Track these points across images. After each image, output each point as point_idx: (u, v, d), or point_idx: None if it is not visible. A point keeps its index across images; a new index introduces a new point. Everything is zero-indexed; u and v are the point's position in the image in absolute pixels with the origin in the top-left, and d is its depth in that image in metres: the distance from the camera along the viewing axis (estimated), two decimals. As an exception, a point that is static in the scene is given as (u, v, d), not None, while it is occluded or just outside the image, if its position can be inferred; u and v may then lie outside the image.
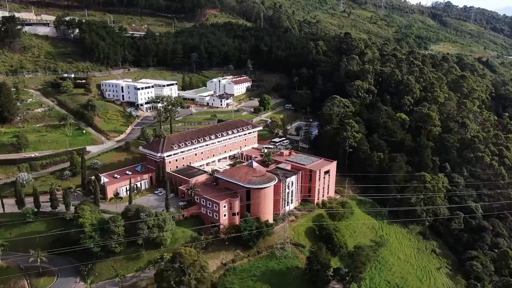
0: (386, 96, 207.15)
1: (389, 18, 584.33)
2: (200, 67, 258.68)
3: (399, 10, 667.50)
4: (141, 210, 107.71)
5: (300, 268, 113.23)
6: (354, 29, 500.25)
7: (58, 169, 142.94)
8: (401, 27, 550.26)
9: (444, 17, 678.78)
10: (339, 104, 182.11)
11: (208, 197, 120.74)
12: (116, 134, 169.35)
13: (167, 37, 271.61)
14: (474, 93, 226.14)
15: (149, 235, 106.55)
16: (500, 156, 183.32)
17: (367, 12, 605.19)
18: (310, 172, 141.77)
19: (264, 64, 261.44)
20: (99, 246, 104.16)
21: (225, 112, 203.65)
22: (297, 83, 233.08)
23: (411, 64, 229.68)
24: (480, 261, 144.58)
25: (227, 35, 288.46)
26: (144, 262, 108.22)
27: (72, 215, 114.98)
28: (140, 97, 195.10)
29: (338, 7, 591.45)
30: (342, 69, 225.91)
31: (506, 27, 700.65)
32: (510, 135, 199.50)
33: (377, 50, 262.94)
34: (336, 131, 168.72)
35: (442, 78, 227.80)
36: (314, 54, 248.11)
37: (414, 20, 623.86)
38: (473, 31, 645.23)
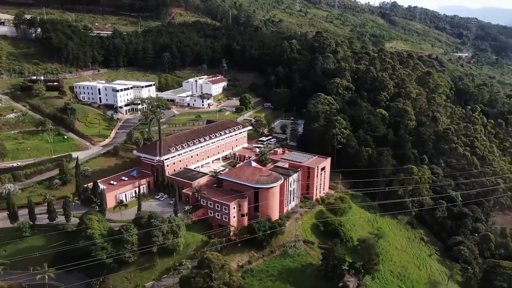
0: (363, 93, 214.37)
1: (343, 18, 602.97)
2: (173, 67, 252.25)
3: (351, 10, 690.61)
4: (154, 216, 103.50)
5: (314, 265, 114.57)
6: (313, 27, 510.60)
7: (45, 178, 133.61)
8: (355, 26, 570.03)
9: (392, 16, 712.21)
10: (324, 101, 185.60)
11: (217, 199, 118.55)
12: (100, 139, 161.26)
13: (136, 36, 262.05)
14: (439, 88, 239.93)
15: (164, 242, 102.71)
16: (471, 147, 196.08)
17: (322, 12, 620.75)
18: (308, 169, 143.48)
19: (238, 63, 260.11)
20: (111, 258, 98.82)
21: (208, 113, 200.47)
22: (274, 81, 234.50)
23: (382, 62, 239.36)
24: (466, 246, 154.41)
25: (197, 34, 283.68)
26: (158, 271, 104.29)
27: (73, 226, 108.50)
28: (120, 99, 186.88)
29: (294, 6, 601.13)
30: (318, 67, 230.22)
31: (447, 25, 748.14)
32: (476, 126, 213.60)
33: (347, 48, 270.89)
34: (325, 128, 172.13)
35: (411, 75, 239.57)
36: (288, 53, 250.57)
37: (366, 19, 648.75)
38: (419, 29, 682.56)
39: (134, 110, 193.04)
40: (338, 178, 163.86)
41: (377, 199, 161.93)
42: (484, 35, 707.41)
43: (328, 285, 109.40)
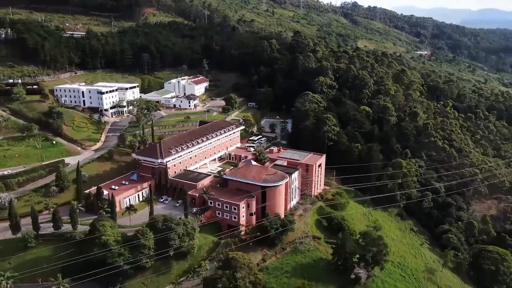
0: (345, 91, 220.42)
1: (309, 17, 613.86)
2: (152, 68, 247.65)
3: (315, 10, 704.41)
4: (169, 219, 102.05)
5: (325, 259, 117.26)
6: (281, 27, 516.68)
7: (40, 186, 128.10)
8: (321, 26, 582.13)
9: (354, 16, 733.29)
10: (312, 100, 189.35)
11: (226, 199, 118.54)
12: (91, 143, 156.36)
13: (112, 37, 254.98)
14: (413, 85, 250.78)
15: (181, 245, 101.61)
16: (449, 140, 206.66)
17: (288, 12, 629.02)
18: (306, 166, 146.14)
19: (218, 63, 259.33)
20: (129, 264, 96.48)
21: (195, 114, 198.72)
22: (256, 81, 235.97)
23: (361, 60, 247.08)
24: (454, 233, 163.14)
25: (174, 34, 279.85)
26: (174, 274, 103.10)
27: (81, 234, 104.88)
28: (105, 101, 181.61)
29: (260, 6, 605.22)
30: (300, 67, 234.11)
31: (405, 25, 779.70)
32: (451, 120, 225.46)
33: (325, 48, 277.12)
34: (315, 126, 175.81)
35: (388, 73, 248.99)
36: (269, 53, 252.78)
37: (330, 19, 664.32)
38: (380, 29, 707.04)
39: (120, 112, 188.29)
40: (331, 174, 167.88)
41: (368, 194, 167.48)
42: (440, 34, 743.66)
43: (340, 278, 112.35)
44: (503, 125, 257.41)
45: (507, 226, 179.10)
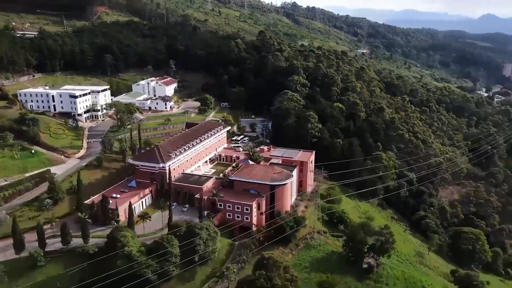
0: (316, 89, 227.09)
1: (254, 17, 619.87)
2: (116, 70, 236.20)
3: (259, 9, 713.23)
4: (193, 225, 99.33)
5: (336, 252, 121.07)
6: (229, 27, 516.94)
7: (30, 199, 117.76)
8: (268, 26, 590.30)
9: (296, 16, 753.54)
10: (292, 98, 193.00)
11: (238, 200, 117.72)
12: (74, 151, 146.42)
13: (69, 37, 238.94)
14: (373, 82, 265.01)
15: (205, 250, 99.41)
16: (413, 132, 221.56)
17: (233, 11, 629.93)
18: (301, 164, 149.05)
19: (183, 63, 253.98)
20: (156, 274, 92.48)
21: (174, 115, 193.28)
22: (227, 81, 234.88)
23: (327, 59, 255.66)
24: (431, 219, 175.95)
25: (135, 34, 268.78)
26: (199, 280, 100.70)
27: (95, 247, 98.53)
28: (79, 106, 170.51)
29: (206, 5, 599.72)
30: (270, 66, 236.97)
31: (343, 24, 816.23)
32: (412, 114, 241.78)
33: (288, 47, 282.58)
34: (298, 124, 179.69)
35: (351, 70, 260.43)
36: (236, 52, 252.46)
37: (274, 19, 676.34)
38: (321, 28, 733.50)
39: (95, 117, 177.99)
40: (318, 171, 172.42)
41: (352, 187, 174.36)
42: (375, 33, 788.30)
43: (353, 269, 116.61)
44: (451, 117, 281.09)
45: (471, 208, 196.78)
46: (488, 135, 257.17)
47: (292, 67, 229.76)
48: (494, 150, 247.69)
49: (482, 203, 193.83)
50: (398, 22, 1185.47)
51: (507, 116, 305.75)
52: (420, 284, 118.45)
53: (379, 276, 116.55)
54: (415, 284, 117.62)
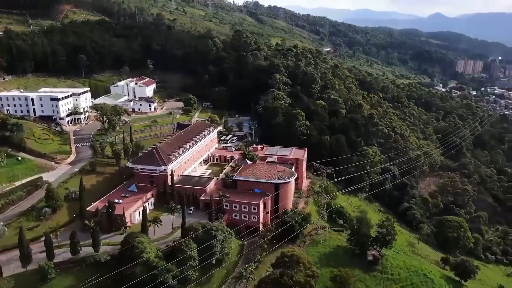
0: (297, 87, 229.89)
1: (219, 16, 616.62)
2: (91, 71, 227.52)
3: (222, 9, 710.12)
4: (209, 227, 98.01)
5: (341, 246, 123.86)
6: (195, 26, 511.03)
7: (26, 209, 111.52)
8: (233, 25, 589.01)
9: (259, 15, 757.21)
10: (278, 96, 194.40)
11: (245, 200, 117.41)
12: (64, 156, 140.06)
13: (38, 37, 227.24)
14: (348, 79, 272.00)
15: (222, 251, 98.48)
16: (391, 127, 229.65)
17: (197, 10, 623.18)
18: (296, 161, 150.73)
19: (161, 63, 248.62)
20: (176, 279, 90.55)
21: (159, 117, 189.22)
22: (208, 81, 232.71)
23: (305, 58, 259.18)
24: (415, 210, 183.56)
25: (108, 34, 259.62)
26: (216, 282, 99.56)
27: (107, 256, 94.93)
28: (62, 109, 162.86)
29: (170, 4, 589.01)
30: (250, 65, 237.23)
31: (305, 23, 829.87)
32: (387, 110, 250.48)
33: (265, 46, 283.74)
34: (286, 122, 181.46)
35: (328, 68, 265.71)
36: (215, 52, 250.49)
37: (238, 18, 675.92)
38: (284, 27, 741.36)
39: (77, 120, 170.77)
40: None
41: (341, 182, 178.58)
42: (336, 32, 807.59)
43: (360, 261, 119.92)
44: (421, 112, 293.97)
45: (449, 198, 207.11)
46: (456, 128, 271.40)
47: (273, 66, 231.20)
48: (463, 142, 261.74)
49: (460, 192, 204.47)
50: (354, 21, 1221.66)
51: (470, 110, 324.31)
52: (421, 272, 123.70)
53: (384, 267, 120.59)
54: (416, 273, 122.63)
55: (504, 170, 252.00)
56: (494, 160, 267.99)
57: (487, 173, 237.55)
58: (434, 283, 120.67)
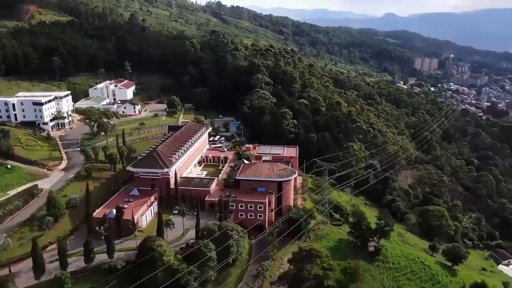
0: (278, 87, 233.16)
1: (184, 16, 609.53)
2: (65, 74, 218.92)
3: (186, 8, 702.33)
4: (226, 227, 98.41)
5: (343, 239, 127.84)
6: (162, 26, 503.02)
7: (26, 218, 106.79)
8: (199, 25, 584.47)
9: (223, 16, 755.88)
10: (264, 96, 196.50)
11: (251, 199, 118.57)
12: (56, 163, 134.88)
13: (6, 38, 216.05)
14: (324, 78, 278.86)
15: (238, 251, 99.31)
16: (369, 124, 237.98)
17: (161, 10, 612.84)
18: (290, 159, 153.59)
19: (138, 65, 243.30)
20: (197, 280, 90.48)
21: (145, 119, 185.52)
22: (188, 82, 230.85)
23: (283, 57, 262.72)
24: (399, 202, 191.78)
25: (80, 35, 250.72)
26: (232, 282, 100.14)
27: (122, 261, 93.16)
28: (46, 113, 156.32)
29: (133, 4, 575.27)
30: (230, 65, 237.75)
31: (268, 23, 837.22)
32: (365, 107, 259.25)
33: (242, 46, 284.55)
34: (274, 121, 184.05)
35: (305, 67, 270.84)
36: (193, 53, 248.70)
37: (203, 18, 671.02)
38: (249, 27, 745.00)
39: (61, 125, 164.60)
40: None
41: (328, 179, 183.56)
42: (299, 31, 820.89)
43: (362, 253, 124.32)
44: (393, 108, 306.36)
45: (427, 189, 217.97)
46: (426, 123, 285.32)
47: (253, 66, 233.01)
48: (433, 136, 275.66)
49: (436, 183, 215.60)
50: (312, 20, 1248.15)
51: (436, 105, 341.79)
52: (418, 260, 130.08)
53: (385, 257, 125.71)
54: (414, 260, 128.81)
55: (471, 161, 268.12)
56: (460, 152, 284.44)
57: (458, 164, 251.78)
58: (431, 269, 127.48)
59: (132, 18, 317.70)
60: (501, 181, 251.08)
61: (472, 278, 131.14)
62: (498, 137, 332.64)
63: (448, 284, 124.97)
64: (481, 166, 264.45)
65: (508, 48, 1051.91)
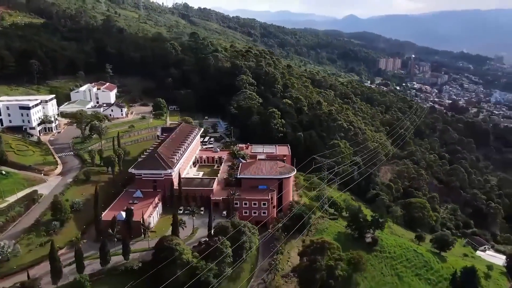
0: (261, 87, 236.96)
1: (153, 18, 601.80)
2: (44, 77, 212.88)
3: (153, 10, 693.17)
4: (239, 224, 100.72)
5: (342, 232, 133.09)
6: (131, 28, 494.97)
7: (30, 224, 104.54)
8: (169, 27, 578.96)
9: (192, 17, 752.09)
10: (251, 97, 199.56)
11: (255, 196, 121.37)
12: (51, 167, 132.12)
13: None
14: (303, 78, 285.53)
15: (251, 246, 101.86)
16: (349, 122, 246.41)
17: (129, 12, 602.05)
18: (284, 157, 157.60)
19: (118, 67, 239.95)
20: (216, 277, 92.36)
21: (132, 122, 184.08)
22: (171, 84, 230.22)
23: (263, 59, 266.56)
24: (383, 196, 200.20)
25: (56, 37, 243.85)
26: (245, 277, 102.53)
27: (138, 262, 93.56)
28: (33, 118, 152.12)
29: (99, 6, 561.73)
30: (212, 67, 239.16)
31: (236, 25, 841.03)
32: (344, 106, 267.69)
33: (222, 48, 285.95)
34: (264, 120, 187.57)
35: (284, 68, 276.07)
36: (174, 55, 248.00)
37: (171, 20, 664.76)
38: (217, 29, 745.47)
39: (49, 129, 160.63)
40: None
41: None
42: (267, 33, 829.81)
43: (360, 244, 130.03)
44: (367, 107, 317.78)
45: (406, 183, 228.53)
46: (400, 121, 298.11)
47: (236, 67, 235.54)
48: (407, 133, 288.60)
49: (415, 177, 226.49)
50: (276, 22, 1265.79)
51: (406, 103, 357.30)
52: (411, 248, 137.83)
53: (382, 247, 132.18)
54: (408, 249, 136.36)
55: (443, 155, 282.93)
56: (432, 147, 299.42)
57: (432, 159, 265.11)
58: (424, 256, 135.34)
59: (108, 20, 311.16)
60: (471, 173, 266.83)
61: (459, 263, 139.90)
62: (463, 132, 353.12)
63: (440, 270, 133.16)
64: (452, 160, 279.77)
65: (462, 48, 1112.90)
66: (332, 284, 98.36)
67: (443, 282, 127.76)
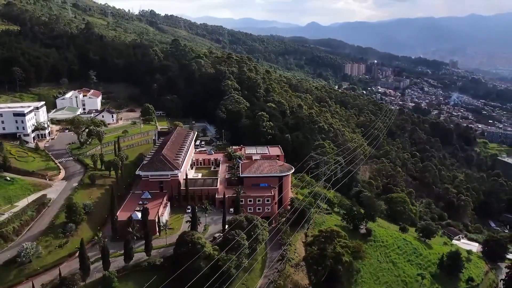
0: (244, 92, 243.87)
1: (122, 26, 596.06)
2: (27, 84, 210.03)
3: (121, 17, 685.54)
4: (252, 217, 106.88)
5: (338, 225, 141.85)
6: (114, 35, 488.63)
7: (45, 227, 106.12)
8: (138, 34, 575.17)
9: (160, 24, 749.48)
10: (239, 100, 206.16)
11: (259, 194, 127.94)
12: (55, 173, 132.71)
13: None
14: (281, 83, 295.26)
15: (264, 240, 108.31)
16: (329, 124, 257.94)
17: (97, 19, 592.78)
18: (277, 157, 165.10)
19: (101, 74, 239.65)
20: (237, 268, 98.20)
21: (124, 127, 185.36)
22: (157, 90, 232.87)
23: (246, 64, 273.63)
24: (367, 192, 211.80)
25: (37, 45, 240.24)
26: (258, 268, 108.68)
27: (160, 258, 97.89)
28: (28, 124, 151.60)
29: (65, 12, 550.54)
30: (196, 72, 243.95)
31: (205, 32, 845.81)
32: (322, 109, 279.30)
33: (203, 54, 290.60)
34: (254, 123, 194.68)
35: (265, 73, 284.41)
36: (157, 61, 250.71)
37: (140, 27, 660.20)
38: (186, 36, 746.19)
39: (42, 136, 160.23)
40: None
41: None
42: (236, 40, 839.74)
43: (355, 235, 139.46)
44: (342, 109, 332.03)
45: (384, 180, 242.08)
46: (374, 123, 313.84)
47: (220, 72, 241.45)
48: (380, 134, 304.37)
49: (393, 175, 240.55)
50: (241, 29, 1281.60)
51: (376, 106, 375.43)
52: (400, 238, 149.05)
53: (375, 237, 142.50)
54: (398, 238, 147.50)
55: (414, 154, 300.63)
56: (403, 147, 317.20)
57: (405, 157, 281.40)
58: (413, 244, 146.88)
59: (88, 27, 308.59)
60: (441, 170, 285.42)
61: (443, 249, 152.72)
62: (429, 132, 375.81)
63: (428, 255, 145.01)
64: (422, 158, 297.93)
65: (419, 53, 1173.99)
66: (340, 269, 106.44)
67: (432, 266, 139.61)
